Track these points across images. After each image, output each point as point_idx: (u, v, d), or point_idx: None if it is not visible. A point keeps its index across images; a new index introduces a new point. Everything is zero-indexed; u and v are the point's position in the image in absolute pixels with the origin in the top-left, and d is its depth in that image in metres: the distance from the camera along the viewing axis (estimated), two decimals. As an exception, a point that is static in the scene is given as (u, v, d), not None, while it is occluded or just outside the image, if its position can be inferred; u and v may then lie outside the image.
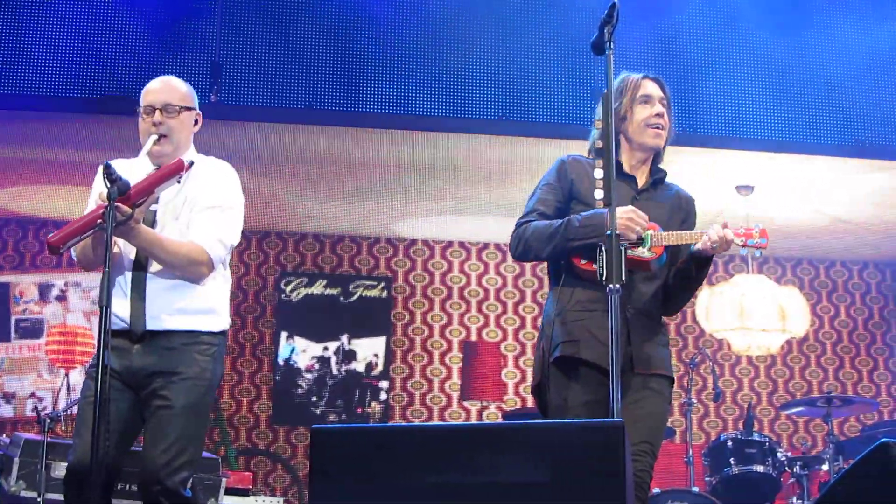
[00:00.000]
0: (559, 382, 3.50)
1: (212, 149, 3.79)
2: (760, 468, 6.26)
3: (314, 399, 8.31)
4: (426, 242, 8.66)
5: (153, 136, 3.52)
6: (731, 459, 6.29)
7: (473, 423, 7.26)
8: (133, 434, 3.53)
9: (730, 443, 6.36)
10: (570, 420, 3.32)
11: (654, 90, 3.67)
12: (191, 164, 3.48)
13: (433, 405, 8.41)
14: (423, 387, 8.43)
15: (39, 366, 8.06)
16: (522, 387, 8.39)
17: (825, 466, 6.27)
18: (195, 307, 3.50)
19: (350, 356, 8.40)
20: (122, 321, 3.44)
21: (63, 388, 7.62)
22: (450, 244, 8.69)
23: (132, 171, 3.40)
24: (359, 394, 8.35)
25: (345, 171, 7.09)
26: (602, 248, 3.16)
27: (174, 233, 3.50)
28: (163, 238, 3.46)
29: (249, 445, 8.19)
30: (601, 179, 3.24)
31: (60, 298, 8.18)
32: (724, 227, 3.49)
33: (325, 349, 8.39)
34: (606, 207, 3.18)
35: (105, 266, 3.12)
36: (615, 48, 3.25)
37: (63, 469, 5.06)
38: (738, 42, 6.34)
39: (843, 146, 6.41)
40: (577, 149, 3.83)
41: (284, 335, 8.39)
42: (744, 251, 3.61)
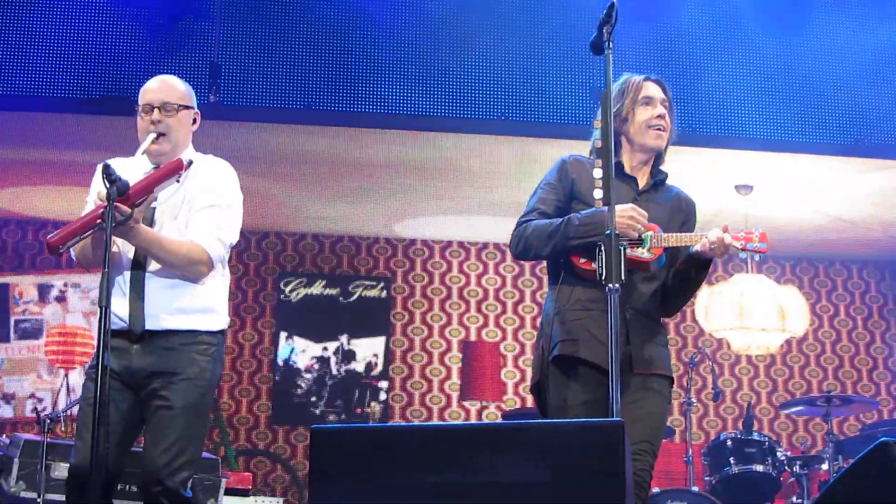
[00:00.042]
0: (558, 381, 3.50)
1: (211, 149, 3.79)
2: (760, 468, 6.26)
3: (314, 399, 8.30)
4: (425, 242, 8.66)
5: (151, 135, 3.52)
6: (731, 459, 6.29)
7: (473, 423, 7.26)
8: (134, 435, 3.53)
9: (729, 442, 6.36)
10: (570, 420, 3.32)
11: (656, 92, 3.68)
12: (190, 164, 3.48)
13: (433, 405, 8.41)
14: (423, 387, 8.43)
15: (39, 366, 8.06)
16: (522, 387, 8.39)
17: (825, 466, 6.28)
18: (194, 306, 3.50)
19: (349, 356, 8.40)
20: (121, 321, 3.43)
21: (63, 389, 7.62)
22: (449, 244, 8.69)
23: (131, 171, 3.40)
24: (358, 394, 8.35)
25: (344, 172, 7.09)
26: (601, 248, 3.16)
27: (173, 232, 3.50)
28: (162, 237, 3.45)
29: (249, 446, 8.19)
30: (601, 179, 3.25)
31: (60, 299, 8.18)
32: (725, 231, 3.49)
33: (325, 349, 8.39)
34: (606, 206, 3.18)
35: (104, 266, 3.12)
36: (614, 48, 3.25)
37: (62, 469, 5.09)
38: (738, 41, 6.34)
39: (843, 145, 6.41)
40: (577, 149, 3.83)
41: (284, 335, 8.39)
42: (743, 255, 3.61)
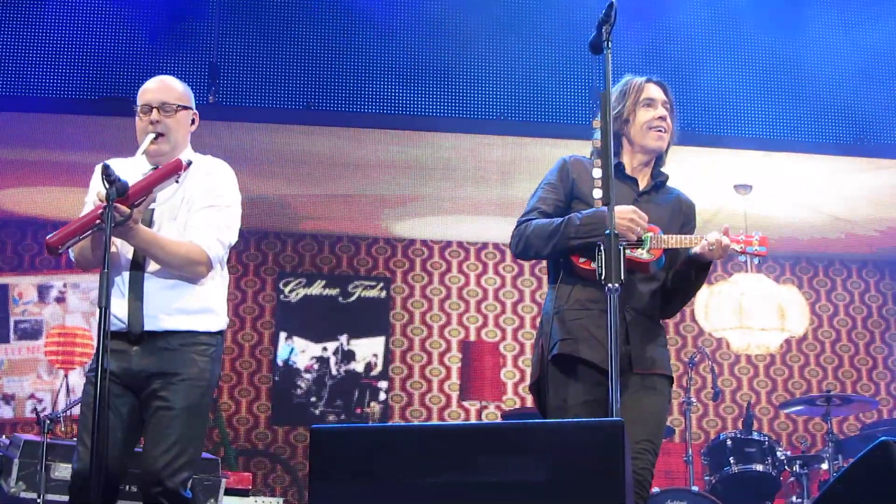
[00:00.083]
0: (558, 381, 3.51)
1: (210, 149, 3.79)
2: (760, 467, 6.26)
3: (313, 399, 8.30)
4: (425, 243, 8.66)
5: (150, 135, 3.51)
6: (731, 458, 6.29)
7: (473, 423, 7.25)
8: (136, 437, 3.53)
9: (729, 442, 6.36)
10: (570, 420, 3.32)
11: (658, 93, 3.69)
12: (189, 164, 3.48)
13: (432, 405, 8.41)
14: (423, 387, 8.43)
15: (39, 367, 8.05)
16: (521, 386, 8.39)
17: (825, 465, 6.28)
18: (193, 307, 3.50)
19: (349, 356, 8.40)
20: (120, 322, 3.43)
21: (62, 389, 7.62)
22: (448, 244, 8.69)
23: (130, 171, 3.39)
24: (358, 394, 8.35)
25: (343, 172, 7.09)
26: (601, 248, 3.16)
27: (172, 232, 3.49)
28: (161, 238, 3.45)
29: (249, 446, 8.19)
30: (600, 179, 3.25)
31: (59, 300, 8.18)
32: (726, 234, 3.50)
33: (325, 349, 8.38)
34: (606, 206, 3.18)
35: (104, 267, 3.11)
36: (613, 48, 3.25)
37: (62, 470, 5.10)
38: (737, 41, 6.34)
39: (842, 145, 6.41)
40: (577, 149, 3.84)
41: (283, 336, 8.38)
42: (742, 258, 3.62)
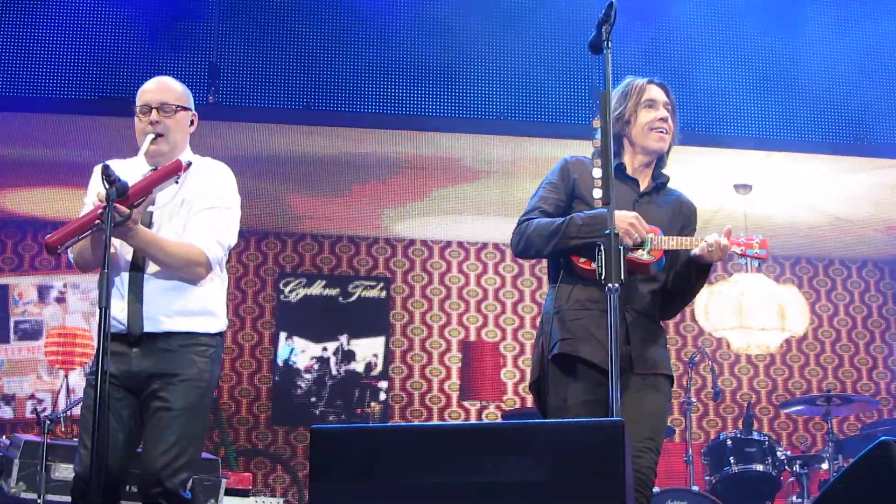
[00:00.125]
0: (558, 381, 3.51)
1: (210, 150, 3.79)
2: (760, 467, 6.26)
3: (314, 399, 8.30)
4: (425, 243, 8.65)
5: (150, 136, 3.51)
6: (731, 458, 6.29)
7: (473, 423, 7.25)
8: (136, 439, 3.52)
9: (729, 442, 6.36)
10: (570, 420, 3.33)
11: (659, 95, 3.70)
12: (189, 165, 3.47)
13: (432, 405, 8.41)
14: (423, 387, 8.43)
15: (39, 367, 8.05)
16: (521, 386, 8.39)
17: (825, 465, 6.28)
18: (193, 308, 3.50)
19: (349, 356, 8.40)
20: (120, 323, 3.42)
21: (62, 390, 7.62)
22: (448, 244, 8.68)
23: (129, 172, 3.39)
24: (358, 394, 8.35)
25: (343, 172, 7.09)
26: (601, 248, 3.16)
27: (171, 233, 3.49)
28: (161, 239, 3.45)
29: (249, 446, 8.19)
30: (600, 178, 3.25)
31: (59, 300, 8.18)
32: (727, 235, 3.50)
33: (325, 349, 8.38)
34: (606, 206, 3.18)
35: (104, 267, 3.11)
36: (613, 47, 3.25)
37: (63, 470, 5.10)
38: (736, 41, 6.35)
39: (842, 144, 6.42)
40: (577, 148, 3.85)
41: (283, 336, 8.38)
42: (742, 261, 3.62)
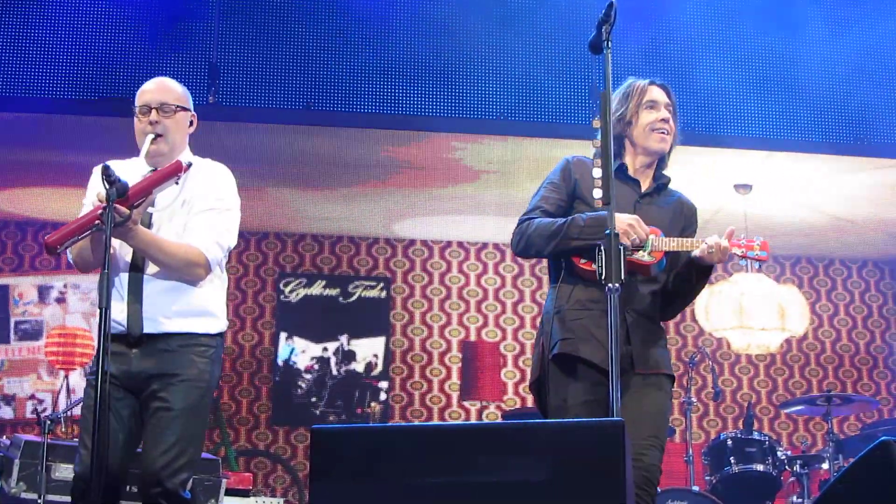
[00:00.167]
0: (558, 381, 3.51)
1: (210, 150, 3.78)
2: (760, 467, 6.26)
3: (314, 399, 8.30)
4: (425, 243, 8.66)
5: (150, 136, 3.51)
6: (731, 458, 6.29)
7: (473, 423, 7.26)
8: (136, 439, 3.53)
9: (730, 442, 6.36)
10: (570, 420, 3.33)
11: (660, 96, 3.71)
12: (189, 166, 3.47)
13: (433, 405, 8.41)
14: (423, 387, 8.43)
15: (39, 367, 8.06)
16: (522, 386, 8.39)
17: (825, 465, 6.28)
18: (192, 309, 3.50)
19: (349, 356, 8.40)
20: (119, 324, 3.42)
21: (63, 390, 7.62)
22: (449, 244, 8.69)
23: (129, 172, 3.39)
24: (358, 394, 8.35)
25: (343, 172, 7.09)
26: (601, 248, 3.16)
27: (170, 234, 3.49)
28: (160, 239, 3.45)
29: (249, 446, 8.19)
30: (600, 178, 3.25)
31: (60, 300, 8.18)
32: (730, 236, 3.51)
33: (325, 350, 8.38)
34: (606, 206, 3.18)
35: (104, 268, 3.11)
36: (613, 47, 3.25)
37: (63, 470, 5.10)
38: (736, 41, 6.34)
39: (842, 144, 6.41)
40: (577, 149, 3.85)
41: (284, 336, 8.38)
42: (743, 262, 3.63)
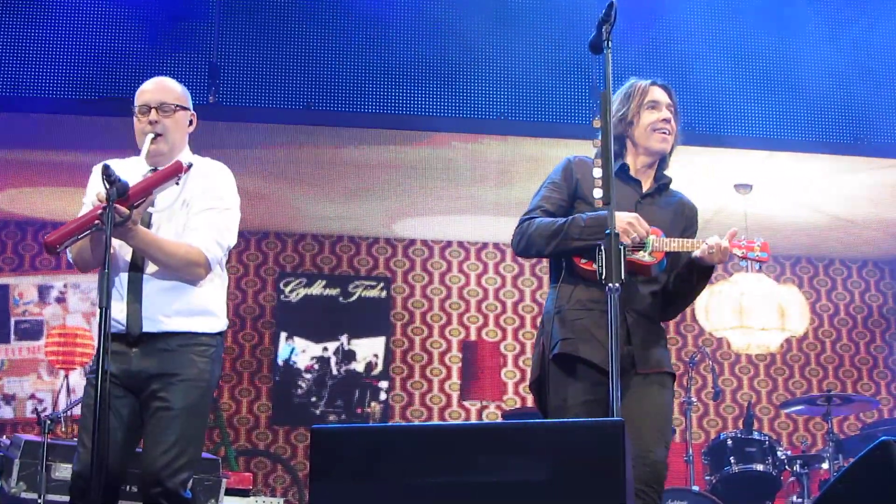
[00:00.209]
0: (558, 381, 3.51)
1: (210, 149, 3.79)
2: (760, 467, 6.27)
3: (314, 399, 8.30)
4: (425, 242, 8.66)
5: (149, 136, 3.51)
6: (731, 458, 6.29)
7: (473, 423, 7.26)
8: (136, 438, 3.53)
9: (730, 441, 6.36)
10: (570, 420, 3.33)
11: (662, 96, 3.71)
12: (189, 166, 3.48)
13: (433, 405, 8.41)
14: (423, 387, 8.43)
15: (39, 367, 8.06)
16: (522, 386, 8.39)
17: (825, 465, 6.28)
18: (192, 308, 3.50)
19: (349, 356, 8.40)
20: (119, 324, 3.43)
21: (63, 390, 7.62)
22: (449, 244, 8.69)
23: (128, 171, 3.40)
24: (358, 394, 8.35)
25: (343, 172, 7.09)
26: (601, 248, 3.16)
27: (170, 234, 3.49)
28: (160, 239, 3.45)
29: (249, 446, 8.19)
30: (600, 178, 3.25)
31: (60, 300, 8.18)
32: (732, 237, 3.51)
33: (325, 349, 8.38)
34: (606, 206, 3.18)
35: (104, 267, 3.11)
36: (613, 47, 3.25)
37: (63, 470, 5.10)
38: (737, 41, 6.33)
39: (842, 144, 6.41)
40: (577, 148, 3.84)
41: (284, 336, 8.38)
42: (743, 263, 3.63)
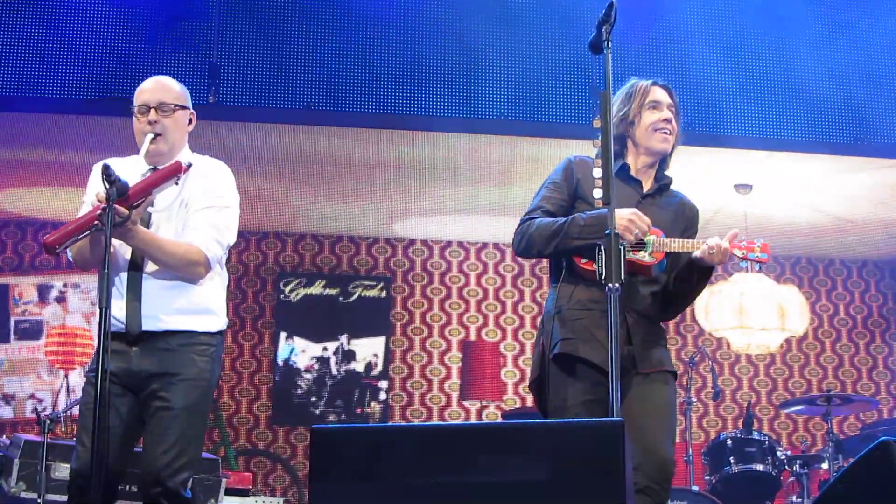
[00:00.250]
0: (558, 381, 3.51)
1: (210, 149, 3.79)
2: (760, 467, 6.27)
3: (314, 399, 8.30)
4: (425, 242, 8.66)
5: (149, 136, 3.51)
6: (731, 458, 6.30)
7: (473, 423, 7.26)
8: (135, 437, 3.53)
9: (729, 442, 6.36)
10: (570, 420, 3.33)
11: (663, 96, 3.72)
12: (189, 166, 3.48)
13: (433, 405, 8.41)
14: (423, 386, 8.43)
15: (39, 367, 8.06)
16: (522, 386, 8.39)
17: (825, 465, 6.28)
18: (192, 307, 3.50)
19: (349, 356, 8.40)
20: (119, 322, 3.43)
21: (63, 390, 7.62)
22: (449, 244, 8.69)
23: (128, 171, 3.40)
24: (358, 394, 8.35)
25: (343, 172, 7.09)
26: (601, 248, 3.16)
27: (169, 233, 3.49)
28: (159, 238, 3.45)
29: (249, 446, 8.19)
30: (600, 178, 3.25)
31: (60, 300, 8.18)
32: (731, 239, 3.51)
33: (325, 349, 8.38)
34: (607, 206, 3.18)
35: (104, 267, 3.11)
36: (613, 47, 3.25)
37: (63, 470, 5.10)
38: (737, 41, 6.33)
39: (842, 144, 6.41)
40: (577, 148, 3.84)
41: (284, 335, 8.38)
42: (743, 264, 3.64)
